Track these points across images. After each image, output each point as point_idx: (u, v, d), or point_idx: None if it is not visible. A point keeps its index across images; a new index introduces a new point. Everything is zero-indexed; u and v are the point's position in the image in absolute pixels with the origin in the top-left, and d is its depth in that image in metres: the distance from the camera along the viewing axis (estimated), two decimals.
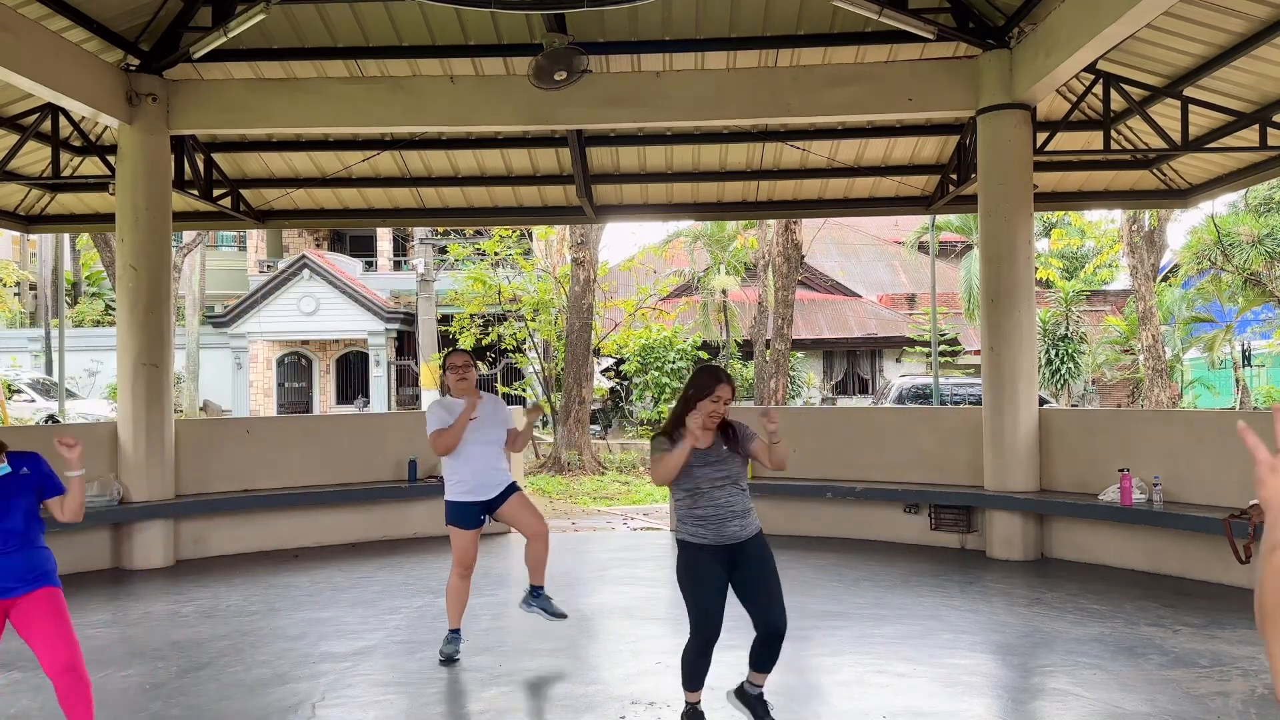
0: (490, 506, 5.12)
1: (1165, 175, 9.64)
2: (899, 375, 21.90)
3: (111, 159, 8.19)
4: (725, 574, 3.79)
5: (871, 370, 24.98)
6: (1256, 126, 7.73)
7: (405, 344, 27.03)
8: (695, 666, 3.84)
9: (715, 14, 7.51)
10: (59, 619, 3.33)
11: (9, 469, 3.39)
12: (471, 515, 5.06)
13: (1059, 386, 21.11)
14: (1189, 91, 7.65)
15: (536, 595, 5.27)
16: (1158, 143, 8.40)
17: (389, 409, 24.03)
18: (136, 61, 7.62)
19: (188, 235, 21.50)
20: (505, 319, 19.12)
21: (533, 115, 8.00)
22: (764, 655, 3.83)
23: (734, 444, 3.86)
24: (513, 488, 5.18)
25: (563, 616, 5.28)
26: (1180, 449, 6.98)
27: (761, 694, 3.91)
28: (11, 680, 4.81)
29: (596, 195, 10.26)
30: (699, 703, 3.93)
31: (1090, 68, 7.43)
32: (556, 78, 7.07)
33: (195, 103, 7.97)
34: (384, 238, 28.13)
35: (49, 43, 6.72)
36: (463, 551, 5.08)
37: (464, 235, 21.68)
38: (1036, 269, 10.08)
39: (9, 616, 3.34)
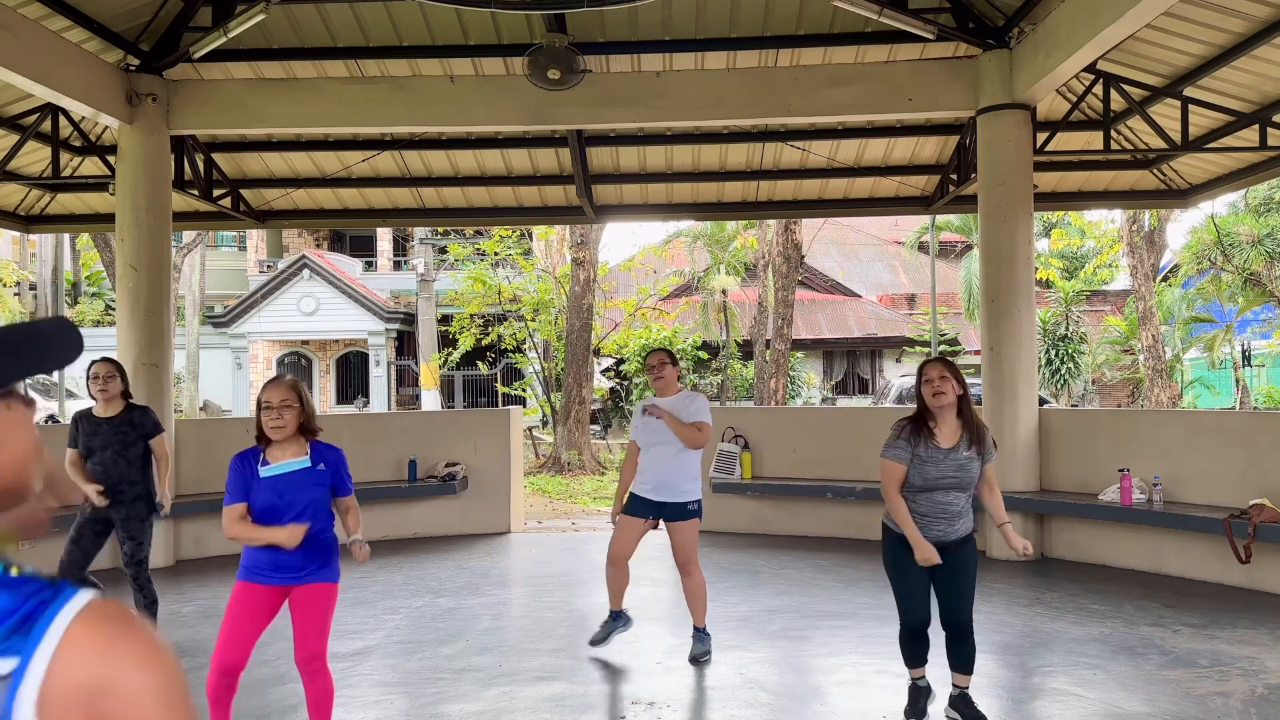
0: (665, 513, 4.98)
1: (1165, 175, 9.64)
2: (899, 375, 21.91)
3: (111, 159, 8.19)
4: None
5: (871, 370, 24.98)
6: (1256, 126, 7.73)
7: (405, 344, 27.02)
8: (910, 649, 3.95)
9: (715, 14, 7.51)
10: (318, 613, 3.46)
11: (308, 463, 3.47)
12: (637, 505, 5.03)
13: (1059, 386, 21.11)
14: (1189, 91, 7.65)
15: (694, 634, 5.07)
16: (1158, 143, 8.40)
17: (389, 409, 24.03)
18: (136, 61, 7.62)
19: (188, 235, 21.49)
20: (505, 319, 19.13)
21: (533, 115, 8.00)
22: (954, 652, 3.88)
23: (979, 446, 3.76)
24: (688, 510, 4.97)
25: (701, 661, 4.96)
26: (1180, 449, 6.98)
27: (964, 692, 3.92)
28: None
29: (596, 195, 10.26)
30: (921, 678, 4.01)
31: (1090, 68, 7.44)
32: (550, 75, 7.06)
33: (195, 103, 7.97)
34: (384, 238, 28.11)
35: (49, 43, 6.72)
36: (615, 538, 5.09)
37: (464, 235, 21.68)
38: (1036, 269, 10.08)
39: (289, 600, 3.51)
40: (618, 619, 5.23)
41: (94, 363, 5.29)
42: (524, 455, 11.38)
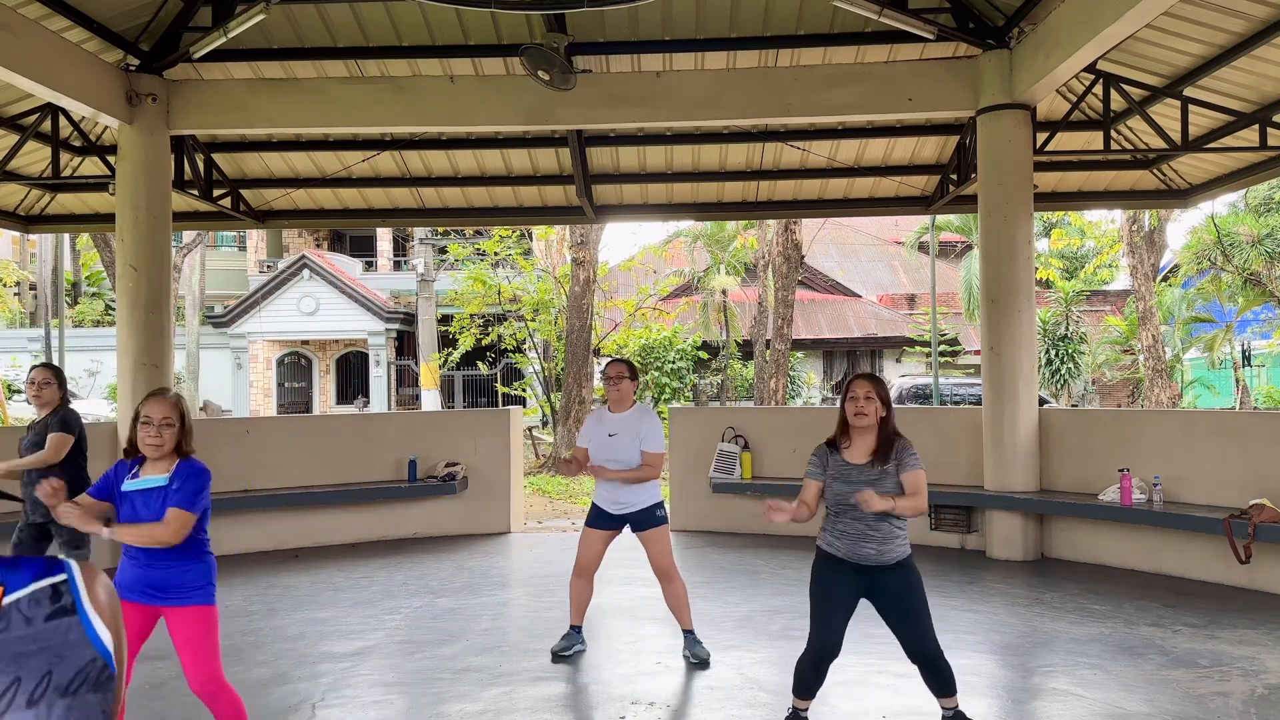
0: (633, 523, 4.96)
1: (1165, 175, 9.64)
2: (899, 375, 21.91)
3: (111, 159, 8.19)
4: (857, 592, 3.69)
5: (872, 370, 24.98)
6: (1256, 126, 7.73)
7: (405, 344, 27.03)
8: (807, 677, 3.78)
9: (715, 14, 7.51)
10: (200, 638, 3.25)
11: (164, 481, 3.23)
12: (597, 514, 5.03)
13: (1059, 386, 21.11)
14: (1189, 91, 7.65)
15: (685, 638, 5.06)
16: (1158, 143, 8.40)
17: (389, 409, 24.03)
18: (136, 61, 7.62)
19: (188, 235, 21.50)
20: (505, 319, 19.13)
21: (533, 115, 8.00)
22: (931, 680, 3.75)
23: (896, 463, 3.66)
24: (655, 516, 4.93)
25: (702, 664, 4.91)
26: (1180, 449, 6.98)
27: (957, 711, 3.78)
28: None
29: (596, 195, 10.26)
30: (805, 710, 3.85)
31: (1090, 68, 7.44)
32: (541, 75, 7.07)
33: (195, 103, 7.97)
34: (384, 238, 28.11)
35: (49, 43, 6.72)
36: (580, 549, 5.07)
37: (464, 235, 21.68)
38: (1036, 269, 10.08)
39: (166, 624, 3.30)
40: (579, 633, 5.17)
41: (33, 368, 5.15)
42: (524, 455, 11.38)
